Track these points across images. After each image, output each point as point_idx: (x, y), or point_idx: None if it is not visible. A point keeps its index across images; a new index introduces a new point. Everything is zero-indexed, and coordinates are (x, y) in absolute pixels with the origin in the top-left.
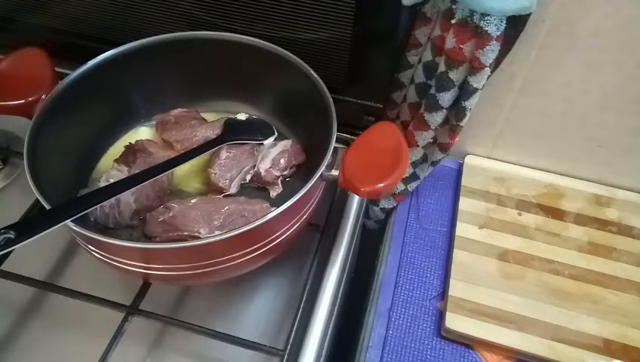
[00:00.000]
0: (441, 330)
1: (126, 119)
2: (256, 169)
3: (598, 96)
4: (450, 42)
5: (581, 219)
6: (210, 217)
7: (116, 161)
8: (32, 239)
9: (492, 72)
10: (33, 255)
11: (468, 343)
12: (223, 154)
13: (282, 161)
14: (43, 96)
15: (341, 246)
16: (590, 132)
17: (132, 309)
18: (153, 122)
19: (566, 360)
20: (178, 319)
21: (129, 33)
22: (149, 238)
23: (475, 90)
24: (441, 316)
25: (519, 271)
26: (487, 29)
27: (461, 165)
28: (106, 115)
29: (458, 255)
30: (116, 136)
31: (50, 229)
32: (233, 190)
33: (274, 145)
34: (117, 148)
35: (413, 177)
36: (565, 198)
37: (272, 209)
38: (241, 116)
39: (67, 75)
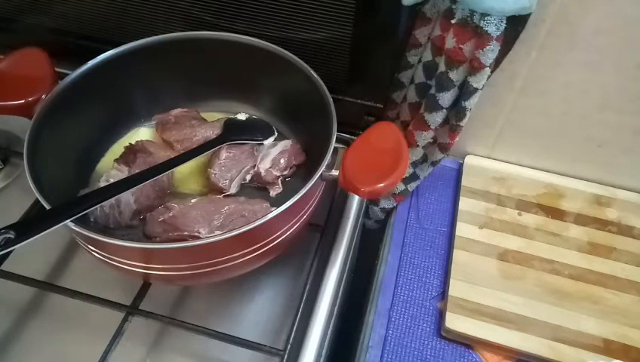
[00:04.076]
0: (441, 330)
1: (126, 119)
2: (256, 169)
3: (598, 96)
4: (450, 42)
5: (581, 219)
6: (210, 217)
7: (116, 160)
8: (32, 239)
9: (492, 72)
10: (33, 255)
11: (468, 343)
12: (223, 154)
13: (282, 161)
14: (43, 96)
15: (341, 246)
16: (590, 132)
17: (132, 309)
18: (153, 122)
19: (566, 360)
20: (178, 319)
21: (129, 33)
22: (149, 238)
23: (475, 90)
24: (441, 316)
25: (519, 271)
26: (487, 29)
27: (461, 165)
28: (106, 115)
29: (458, 255)
30: (116, 136)
31: (50, 229)
32: (233, 190)
33: (274, 145)
34: (117, 149)
35: (413, 177)
36: (565, 198)
37: (272, 209)
38: (241, 116)
39: (67, 75)
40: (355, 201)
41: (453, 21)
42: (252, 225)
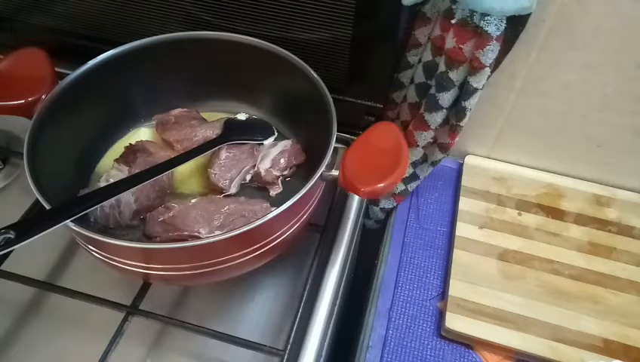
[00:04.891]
0: (441, 330)
1: (126, 119)
2: (256, 169)
3: (598, 96)
4: (450, 42)
5: (581, 219)
6: (210, 217)
7: (116, 160)
8: (32, 239)
9: (492, 72)
10: (33, 255)
11: (468, 343)
12: (223, 154)
13: (282, 161)
14: (43, 96)
15: (341, 246)
16: (590, 132)
17: (132, 309)
18: (153, 122)
19: (566, 360)
20: (178, 319)
21: (129, 33)
22: (149, 238)
23: (475, 90)
24: (441, 316)
25: (519, 271)
26: (487, 29)
27: (461, 165)
28: (106, 115)
29: (458, 255)
30: (116, 136)
31: (50, 229)
32: (233, 190)
33: (274, 145)
34: (117, 149)
35: (413, 177)
36: (565, 198)
37: (272, 209)
38: (241, 116)
39: (67, 75)
40: (355, 201)
41: (453, 21)
42: (252, 225)
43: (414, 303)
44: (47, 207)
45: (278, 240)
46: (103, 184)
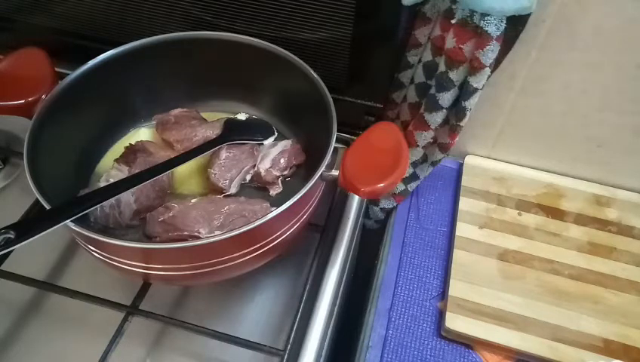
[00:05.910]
0: (441, 330)
1: (126, 119)
2: (256, 169)
3: (598, 96)
4: (450, 42)
5: (581, 219)
6: (211, 217)
7: (116, 160)
8: (32, 239)
9: (492, 72)
10: (33, 255)
11: (468, 343)
12: (223, 154)
13: (282, 160)
14: (43, 96)
15: (341, 246)
16: (590, 132)
17: (132, 309)
18: (153, 122)
19: (566, 360)
20: (178, 319)
21: (129, 33)
22: (149, 238)
23: (475, 90)
24: (441, 316)
25: (519, 271)
26: (487, 29)
27: (461, 165)
28: (106, 115)
29: (458, 255)
30: (116, 136)
31: (50, 229)
32: (233, 190)
33: (274, 145)
34: (117, 149)
35: (413, 177)
36: (565, 198)
37: (272, 209)
38: (241, 116)
39: (67, 75)
40: (355, 201)
41: (453, 21)
42: (252, 225)
43: (414, 303)
44: (47, 207)
45: (278, 240)
46: (103, 184)
